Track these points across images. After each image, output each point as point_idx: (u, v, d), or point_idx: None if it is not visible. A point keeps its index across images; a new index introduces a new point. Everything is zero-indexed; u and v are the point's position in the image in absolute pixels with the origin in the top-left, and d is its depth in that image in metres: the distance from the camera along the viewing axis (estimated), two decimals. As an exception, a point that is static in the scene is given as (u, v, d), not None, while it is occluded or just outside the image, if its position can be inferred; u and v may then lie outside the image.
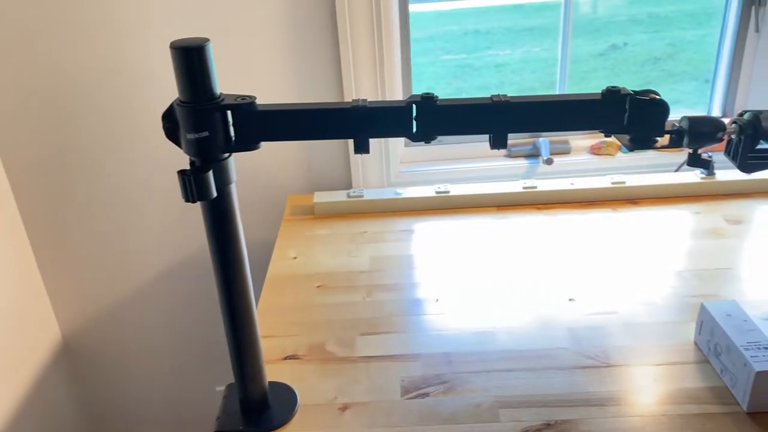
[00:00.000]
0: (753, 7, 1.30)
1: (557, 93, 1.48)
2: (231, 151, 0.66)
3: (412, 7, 1.31)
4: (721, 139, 0.68)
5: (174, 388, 1.57)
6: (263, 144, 0.67)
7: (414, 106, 0.66)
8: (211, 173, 0.64)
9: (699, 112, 1.44)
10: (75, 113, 1.27)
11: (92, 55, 1.22)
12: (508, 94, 0.66)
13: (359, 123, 0.65)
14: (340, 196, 1.26)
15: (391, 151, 1.33)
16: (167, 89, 1.20)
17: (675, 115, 0.68)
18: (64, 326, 1.48)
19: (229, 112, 0.64)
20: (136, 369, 1.54)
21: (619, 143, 1.17)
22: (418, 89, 0.65)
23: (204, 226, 0.69)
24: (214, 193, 0.65)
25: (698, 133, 0.67)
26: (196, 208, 0.72)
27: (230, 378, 0.80)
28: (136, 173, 1.33)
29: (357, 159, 1.31)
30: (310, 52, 1.24)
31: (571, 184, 1.24)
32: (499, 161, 1.39)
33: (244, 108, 0.64)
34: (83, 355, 1.51)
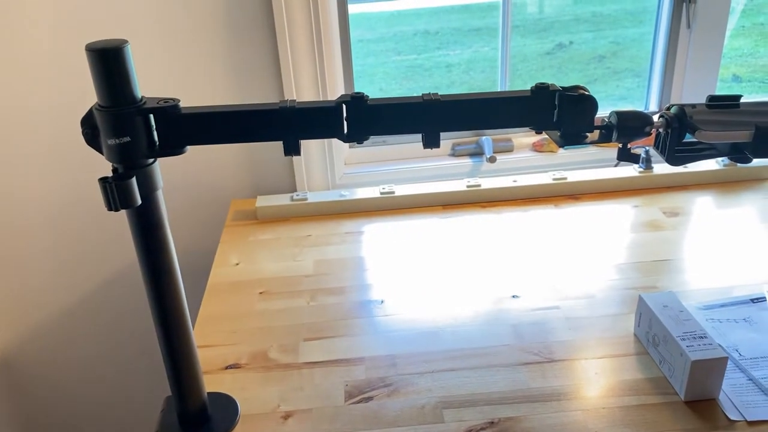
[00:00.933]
0: (684, 4, 1.33)
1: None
2: (155, 156, 0.64)
3: (361, 8, 1.30)
4: (650, 133, 0.69)
5: (116, 402, 1.52)
6: (205, 148, 0.65)
7: (344, 106, 0.64)
8: (134, 180, 0.62)
9: (638, 107, 1.47)
10: (4, 116, 1.22)
11: (10, 57, 1.17)
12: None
13: (287, 124, 0.64)
14: (283, 199, 1.24)
15: (335, 152, 1.32)
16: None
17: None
18: (0, 340, 1.42)
19: (151, 116, 0.62)
20: (76, 382, 1.49)
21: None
22: (369, 91, 0.64)
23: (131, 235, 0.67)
24: (139, 201, 0.62)
25: (627, 128, 0.68)
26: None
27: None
28: (70, 180, 1.28)
29: (300, 162, 1.29)
30: (248, 55, 1.21)
31: (514, 181, 1.25)
32: (443, 160, 1.39)
33: (167, 111, 0.62)
34: (21, 368, 1.45)
